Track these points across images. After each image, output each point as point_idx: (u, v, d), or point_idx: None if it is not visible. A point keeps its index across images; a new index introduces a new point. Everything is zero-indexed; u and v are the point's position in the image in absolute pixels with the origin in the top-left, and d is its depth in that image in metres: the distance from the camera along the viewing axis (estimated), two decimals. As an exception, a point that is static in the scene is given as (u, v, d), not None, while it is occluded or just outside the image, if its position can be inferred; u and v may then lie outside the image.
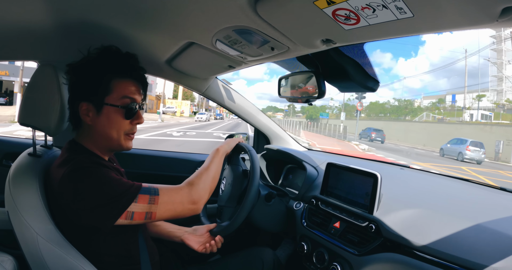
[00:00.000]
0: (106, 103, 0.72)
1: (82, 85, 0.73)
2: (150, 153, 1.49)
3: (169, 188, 0.72)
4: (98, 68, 0.73)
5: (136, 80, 0.77)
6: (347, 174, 0.98)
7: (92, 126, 0.74)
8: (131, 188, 0.66)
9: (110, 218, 0.64)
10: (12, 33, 0.90)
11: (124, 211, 0.64)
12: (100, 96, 0.72)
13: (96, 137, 0.75)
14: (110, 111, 0.73)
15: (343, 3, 0.49)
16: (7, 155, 1.24)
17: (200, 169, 0.85)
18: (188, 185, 0.76)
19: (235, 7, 0.60)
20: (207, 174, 0.82)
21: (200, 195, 0.76)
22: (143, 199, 0.66)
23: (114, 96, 0.73)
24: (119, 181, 0.66)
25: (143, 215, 0.67)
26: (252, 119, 1.54)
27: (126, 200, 0.65)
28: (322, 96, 0.91)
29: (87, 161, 0.67)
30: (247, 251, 1.06)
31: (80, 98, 0.73)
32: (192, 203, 0.74)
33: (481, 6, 0.42)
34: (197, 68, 1.17)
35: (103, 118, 0.73)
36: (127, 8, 0.74)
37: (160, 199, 0.68)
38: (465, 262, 0.65)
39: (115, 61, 0.75)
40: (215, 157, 0.91)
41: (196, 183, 0.77)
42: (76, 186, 0.63)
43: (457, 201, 0.90)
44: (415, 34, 0.57)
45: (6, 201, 0.70)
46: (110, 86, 0.73)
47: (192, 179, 0.79)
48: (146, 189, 0.68)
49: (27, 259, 0.65)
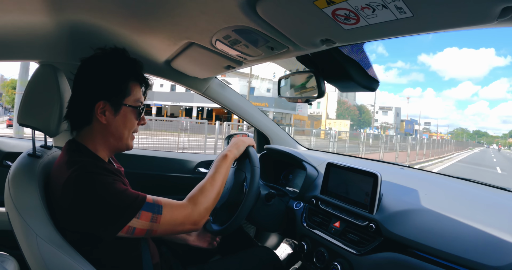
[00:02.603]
0: (125, 104, 0.75)
1: (103, 85, 0.74)
2: (150, 153, 1.49)
3: (172, 206, 0.71)
4: (119, 69, 0.75)
5: (142, 85, 0.81)
6: (347, 174, 0.98)
7: (106, 126, 0.74)
8: (135, 202, 0.66)
9: (111, 231, 0.64)
10: (12, 33, 0.90)
11: (125, 225, 0.64)
12: (120, 97, 0.75)
13: (107, 137, 0.76)
14: (127, 112, 0.76)
15: (343, 3, 0.49)
16: (7, 155, 1.23)
17: (205, 180, 0.82)
18: (191, 204, 0.74)
19: (234, 7, 0.60)
20: (212, 189, 0.80)
21: (202, 215, 0.75)
22: (145, 217, 0.66)
23: (131, 98, 0.77)
24: (123, 193, 0.66)
25: (144, 231, 0.67)
26: (252, 119, 1.54)
27: (128, 214, 0.64)
28: (322, 96, 0.91)
29: (93, 166, 0.67)
30: (247, 251, 1.06)
31: (99, 97, 0.73)
32: (193, 224, 0.73)
33: (481, 6, 0.42)
34: (197, 68, 1.17)
35: (120, 118, 0.75)
36: (127, 8, 0.74)
37: (162, 219, 0.68)
38: (466, 262, 0.65)
39: (131, 64, 0.78)
40: (223, 165, 0.87)
41: (199, 203, 0.75)
42: (80, 191, 0.63)
43: (458, 201, 0.90)
44: (415, 34, 0.57)
45: (6, 202, 0.70)
46: (129, 88, 0.76)
47: (197, 196, 0.77)
48: (149, 206, 0.67)
49: (27, 260, 0.65)
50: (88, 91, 0.74)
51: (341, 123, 35.31)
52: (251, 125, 1.58)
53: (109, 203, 0.63)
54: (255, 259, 1.03)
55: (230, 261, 1.00)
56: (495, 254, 0.64)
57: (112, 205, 0.64)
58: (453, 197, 0.93)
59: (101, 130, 0.75)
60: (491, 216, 0.78)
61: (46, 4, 0.73)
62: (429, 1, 0.44)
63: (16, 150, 1.25)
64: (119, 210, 0.64)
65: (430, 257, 0.70)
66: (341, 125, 34.48)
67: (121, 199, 0.65)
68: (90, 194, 0.63)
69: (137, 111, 0.78)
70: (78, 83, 0.75)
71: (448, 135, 53.09)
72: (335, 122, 35.83)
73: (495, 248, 0.65)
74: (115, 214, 0.64)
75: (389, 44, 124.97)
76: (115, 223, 0.64)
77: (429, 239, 0.73)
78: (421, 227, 0.77)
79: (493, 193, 0.98)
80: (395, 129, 50.35)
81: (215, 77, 1.39)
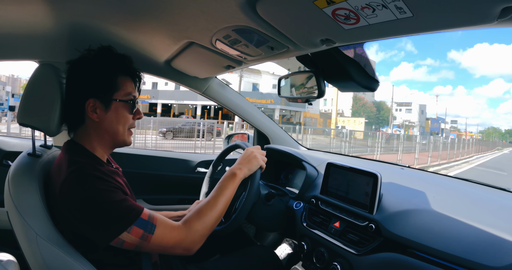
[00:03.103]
0: (115, 99, 0.75)
1: (90, 83, 0.74)
2: (150, 153, 1.49)
3: (166, 227, 0.67)
4: (105, 66, 0.75)
5: (133, 78, 0.80)
6: (347, 174, 0.98)
7: (98, 123, 0.75)
8: (129, 215, 0.64)
9: (104, 238, 0.63)
10: (12, 33, 0.90)
11: (115, 237, 0.63)
12: (110, 92, 0.75)
13: (102, 134, 0.76)
14: (118, 107, 0.76)
15: (343, 3, 0.49)
16: (7, 155, 1.23)
17: (206, 202, 0.76)
18: (186, 228, 0.69)
19: (234, 6, 0.60)
20: (211, 214, 0.73)
21: (195, 242, 0.70)
22: (136, 233, 0.64)
23: (121, 93, 0.76)
24: (118, 203, 0.64)
25: (133, 246, 0.65)
26: (252, 119, 1.54)
27: (119, 227, 0.63)
28: (322, 96, 0.91)
29: (91, 168, 0.66)
30: (247, 250, 1.06)
31: (87, 95, 0.74)
32: (185, 250, 0.69)
33: (481, 6, 0.42)
34: (197, 68, 1.17)
35: (111, 114, 0.75)
36: (127, 8, 0.74)
37: (152, 239, 0.65)
38: (465, 262, 0.65)
39: (119, 60, 0.77)
40: (229, 186, 0.80)
41: (194, 229, 0.70)
42: (75, 193, 0.63)
43: (458, 201, 0.90)
44: (415, 34, 0.56)
45: (6, 201, 0.70)
46: (118, 83, 0.76)
47: (193, 220, 0.71)
48: (143, 223, 0.65)
49: (27, 260, 0.65)
50: (77, 90, 0.75)
51: (356, 121, 32.33)
52: (251, 124, 1.58)
53: (103, 209, 0.62)
54: (255, 258, 1.03)
55: (230, 260, 1.00)
56: (495, 254, 0.64)
57: (105, 211, 0.62)
58: (453, 197, 0.93)
59: (95, 128, 0.75)
60: (491, 216, 0.78)
61: (46, 4, 0.73)
62: (429, 1, 0.44)
63: (16, 150, 1.25)
64: (111, 218, 0.62)
65: (430, 258, 0.70)
66: (355, 123, 31.62)
67: (116, 208, 0.63)
68: (85, 197, 0.63)
69: (129, 105, 0.77)
70: (68, 85, 0.76)
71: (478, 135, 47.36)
72: (349, 120, 32.78)
73: (495, 248, 0.65)
74: (107, 222, 0.62)
75: (418, 40, 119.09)
76: (107, 230, 0.63)
77: (429, 239, 0.73)
78: (421, 227, 0.77)
79: (493, 193, 0.98)
80: (419, 127, 44.40)
81: (215, 77, 1.38)
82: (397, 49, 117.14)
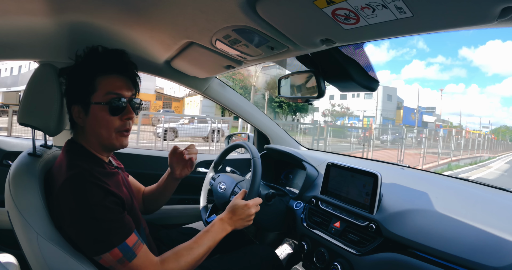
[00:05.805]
0: (92, 102, 0.72)
1: (72, 89, 0.75)
2: (150, 153, 1.49)
3: (145, 261, 0.67)
4: (83, 69, 0.74)
5: (122, 75, 0.76)
6: (347, 174, 0.98)
7: (84, 128, 0.75)
8: (114, 238, 0.64)
9: (84, 249, 0.65)
10: (12, 33, 0.90)
11: (95, 255, 0.64)
12: (87, 96, 0.72)
13: (89, 138, 0.76)
14: (96, 110, 0.73)
15: (342, 3, 0.49)
16: (7, 154, 1.24)
17: (187, 244, 0.76)
18: (161, 267, 0.69)
19: (234, 6, 0.60)
20: (189, 257, 0.73)
21: None
22: (115, 255, 0.64)
23: (98, 94, 0.72)
24: (107, 224, 0.64)
25: (107, 264, 0.66)
26: (252, 119, 1.54)
27: (101, 247, 0.63)
28: (322, 96, 0.91)
29: (89, 175, 0.66)
30: (247, 249, 1.06)
31: (72, 102, 0.75)
32: None
33: (481, 6, 0.42)
34: (196, 68, 1.17)
35: (91, 118, 0.73)
36: (127, 8, 0.74)
37: (128, 266, 0.65)
38: (465, 262, 0.65)
39: (100, 59, 0.74)
40: (216, 235, 0.80)
41: (169, 269, 0.70)
42: (67, 203, 0.64)
43: (458, 201, 0.90)
44: (415, 34, 0.56)
45: (6, 201, 0.70)
46: (95, 84, 0.73)
47: (170, 260, 0.71)
48: (125, 249, 0.65)
49: (28, 259, 0.65)
50: (65, 99, 0.77)
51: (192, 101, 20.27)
52: (251, 124, 1.57)
53: (90, 225, 0.63)
54: (255, 257, 1.03)
55: (230, 258, 1.00)
56: (495, 254, 0.64)
57: (92, 228, 0.63)
58: (454, 198, 0.93)
59: (84, 132, 0.76)
60: (491, 216, 0.78)
61: (46, 4, 0.73)
62: (429, 1, 0.44)
63: (16, 150, 1.25)
64: (96, 237, 0.64)
65: (430, 258, 0.70)
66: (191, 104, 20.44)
67: (103, 228, 0.64)
68: (75, 209, 0.64)
69: (108, 106, 0.72)
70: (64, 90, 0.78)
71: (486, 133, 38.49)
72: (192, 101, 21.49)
73: (495, 248, 0.65)
74: (91, 239, 0.64)
75: (429, 38, 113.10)
76: (91, 246, 0.64)
77: (429, 240, 0.72)
78: (421, 228, 0.77)
79: (493, 193, 0.98)
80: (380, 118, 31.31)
81: (215, 77, 1.38)
82: (409, 46, 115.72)
